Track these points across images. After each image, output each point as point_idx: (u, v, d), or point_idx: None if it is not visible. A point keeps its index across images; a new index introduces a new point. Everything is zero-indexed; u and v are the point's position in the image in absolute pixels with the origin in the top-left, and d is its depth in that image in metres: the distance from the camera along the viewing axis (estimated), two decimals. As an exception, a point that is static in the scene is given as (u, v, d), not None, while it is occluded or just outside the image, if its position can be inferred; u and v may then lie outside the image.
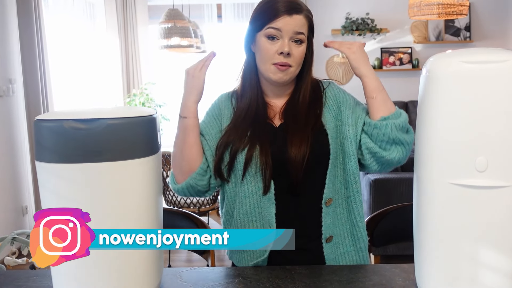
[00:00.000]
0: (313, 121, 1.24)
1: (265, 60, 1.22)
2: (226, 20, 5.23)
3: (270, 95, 1.30)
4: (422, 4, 3.85)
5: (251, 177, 1.23)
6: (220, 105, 1.32)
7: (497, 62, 0.88)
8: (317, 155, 1.23)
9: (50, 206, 0.91)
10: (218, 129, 1.29)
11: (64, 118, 0.88)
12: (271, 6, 1.20)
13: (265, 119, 1.27)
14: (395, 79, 5.47)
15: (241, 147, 1.22)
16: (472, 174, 0.90)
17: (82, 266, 0.90)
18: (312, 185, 1.25)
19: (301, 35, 1.21)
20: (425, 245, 1.00)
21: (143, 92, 4.95)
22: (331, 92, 1.31)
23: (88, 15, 4.71)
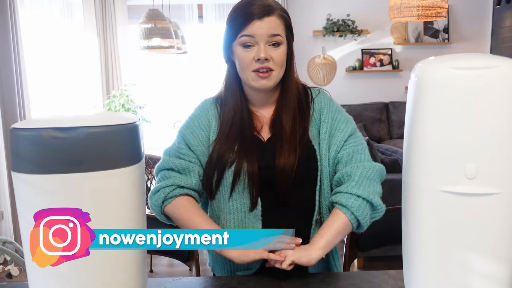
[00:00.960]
0: (300, 132, 1.20)
1: (244, 69, 1.17)
2: (207, 21, 5.19)
3: (255, 103, 1.26)
4: (402, 6, 3.89)
5: (238, 193, 1.19)
6: (207, 114, 1.26)
7: (486, 68, 0.87)
8: (306, 171, 1.20)
9: (28, 218, 0.87)
10: (207, 143, 1.23)
11: (42, 126, 0.84)
12: (241, 12, 1.15)
13: (252, 132, 1.22)
14: (375, 80, 5.51)
15: (229, 164, 1.18)
16: (462, 181, 0.89)
17: (62, 277, 0.87)
18: (301, 200, 1.22)
19: (278, 37, 1.16)
20: (414, 252, 0.99)
21: (123, 93, 4.86)
22: (318, 104, 1.26)
23: (65, 14, 4.61)
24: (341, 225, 1.14)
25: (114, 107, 4.79)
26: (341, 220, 1.14)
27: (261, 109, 1.26)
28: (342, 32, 5.27)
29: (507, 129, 0.87)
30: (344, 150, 1.20)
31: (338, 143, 1.21)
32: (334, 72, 5.48)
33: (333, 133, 1.22)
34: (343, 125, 1.23)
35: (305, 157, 1.19)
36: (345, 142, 1.21)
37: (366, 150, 1.24)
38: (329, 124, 1.22)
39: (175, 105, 5.34)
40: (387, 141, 5.21)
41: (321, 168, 1.21)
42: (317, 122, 1.24)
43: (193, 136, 1.24)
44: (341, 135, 1.21)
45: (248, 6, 1.15)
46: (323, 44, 5.42)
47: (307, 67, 5.44)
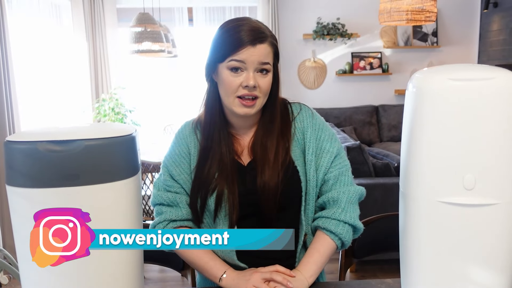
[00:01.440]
0: (283, 155, 1.18)
1: (229, 93, 1.14)
2: (197, 24, 5.17)
3: (235, 126, 1.23)
4: (392, 10, 3.92)
5: (221, 219, 1.18)
6: (186, 140, 1.24)
7: (484, 80, 0.88)
8: (290, 193, 1.18)
9: (24, 232, 0.85)
10: (189, 170, 1.22)
11: (38, 139, 0.82)
12: (233, 36, 1.11)
13: (232, 156, 1.20)
14: (365, 83, 5.54)
15: (210, 190, 1.17)
16: (460, 191, 0.90)
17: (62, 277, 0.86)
18: (287, 222, 1.21)
19: (267, 65, 1.13)
20: (412, 263, 0.99)
21: (113, 97, 4.83)
22: (300, 123, 1.23)
23: (54, 17, 4.56)
24: (329, 250, 1.18)
25: (104, 110, 4.75)
26: (329, 245, 1.17)
27: (240, 131, 1.24)
28: (332, 35, 5.29)
29: (505, 140, 0.87)
30: (331, 172, 1.21)
31: (326, 165, 1.20)
32: (324, 75, 5.50)
33: (319, 153, 1.21)
34: (328, 144, 1.22)
35: (288, 179, 1.18)
36: (331, 164, 1.21)
37: (350, 171, 1.25)
38: (314, 144, 1.21)
39: (166, 108, 5.31)
40: (378, 144, 5.24)
41: (307, 189, 1.20)
42: (301, 142, 1.22)
43: (175, 166, 1.23)
44: (328, 156, 1.21)
45: (241, 30, 1.12)
46: (314, 48, 5.43)
47: (298, 71, 5.45)
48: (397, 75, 5.57)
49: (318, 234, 1.19)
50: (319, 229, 1.19)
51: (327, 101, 5.49)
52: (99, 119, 4.84)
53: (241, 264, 1.18)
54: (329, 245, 1.17)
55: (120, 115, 4.79)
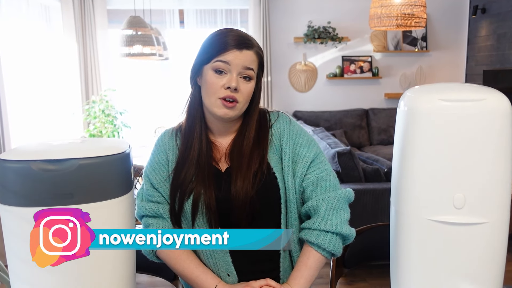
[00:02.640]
0: (257, 163, 1.18)
1: (211, 94, 1.15)
2: (189, 26, 5.16)
3: (215, 132, 1.24)
4: (382, 16, 3.95)
5: (200, 226, 1.18)
6: (165, 147, 1.25)
7: (474, 101, 0.89)
8: (265, 200, 1.17)
9: (17, 251, 0.85)
10: (167, 176, 1.22)
11: (31, 158, 0.82)
12: (221, 39, 1.15)
13: (210, 162, 1.20)
14: (356, 87, 5.57)
15: (187, 194, 1.17)
16: (450, 210, 0.91)
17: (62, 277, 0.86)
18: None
19: (250, 71, 1.15)
20: (402, 278, 1.01)
21: (103, 99, 4.80)
22: (277, 130, 1.24)
23: (44, 19, 4.52)
24: (316, 262, 1.16)
25: (94, 113, 4.72)
26: (315, 257, 1.16)
27: (220, 138, 1.25)
28: (323, 39, 5.31)
29: (494, 160, 0.89)
30: (308, 179, 1.19)
31: (302, 171, 1.20)
32: (315, 78, 5.52)
33: (295, 159, 1.21)
34: (304, 149, 1.21)
35: (265, 185, 1.17)
36: (308, 170, 1.20)
37: (331, 175, 1.22)
38: (290, 150, 1.21)
39: (156, 110, 5.29)
40: (368, 147, 5.28)
41: (286, 196, 1.19)
42: (278, 149, 1.23)
43: (155, 174, 1.23)
44: (304, 161, 1.20)
45: (228, 35, 1.15)
46: (304, 51, 5.45)
47: (288, 74, 5.47)
48: (387, 79, 5.61)
49: (305, 247, 1.18)
50: (305, 241, 1.18)
51: (318, 104, 5.51)
52: (89, 121, 4.81)
53: (233, 271, 1.19)
54: (316, 257, 1.15)
55: (111, 117, 4.76)
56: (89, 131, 4.74)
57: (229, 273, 1.19)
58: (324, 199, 1.17)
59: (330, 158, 3.24)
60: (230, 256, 1.18)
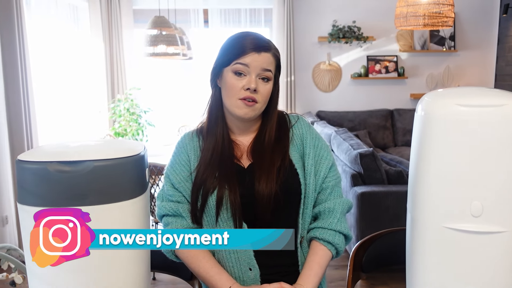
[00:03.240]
0: (279, 159, 1.23)
1: (231, 95, 1.20)
2: (213, 26, 5.19)
3: (236, 132, 1.29)
4: (409, 15, 3.88)
5: (224, 221, 1.21)
6: (186, 148, 1.29)
7: (493, 106, 0.87)
8: (288, 195, 1.22)
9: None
10: (188, 175, 1.25)
11: (48, 159, 0.84)
12: (240, 42, 1.20)
13: (232, 159, 1.25)
14: (381, 87, 5.49)
15: (211, 189, 1.20)
16: (467, 218, 0.89)
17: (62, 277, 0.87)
18: (285, 224, 1.23)
19: (269, 73, 1.20)
20: (417, 285, 0.99)
21: (128, 97, 4.87)
22: (298, 130, 1.30)
23: (72, 18, 4.62)
24: (327, 261, 1.23)
25: (119, 111, 4.80)
26: (327, 256, 1.22)
27: (240, 137, 1.29)
28: (347, 38, 5.25)
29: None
30: (328, 182, 1.26)
31: (324, 171, 1.26)
32: (339, 78, 5.47)
33: (317, 160, 1.27)
34: (325, 153, 1.29)
35: (287, 181, 1.22)
36: (328, 173, 1.27)
37: (341, 183, 1.32)
38: (313, 151, 1.27)
39: (180, 109, 5.35)
40: (392, 149, 5.20)
41: (306, 192, 1.24)
42: (299, 148, 1.28)
43: (175, 175, 1.26)
44: (326, 163, 1.27)
45: (247, 38, 1.20)
46: (329, 51, 5.41)
47: (312, 73, 5.43)
48: (413, 79, 5.51)
49: (316, 245, 1.23)
50: (316, 240, 1.23)
51: (342, 104, 5.46)
52: (114, 119, 4.89)
53: (255, 265, 1.20)
54: (327, 256, 1.22)
55: (135, 115, 4.83)
56: (114, 129, 4.83)
57: (251, 267, 1.21)
58: (339, 203, 1.25)
59: (352, 159, 3.20)
60: (253, 250, 1.21)
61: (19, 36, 3.41)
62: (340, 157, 3.49)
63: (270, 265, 1.23)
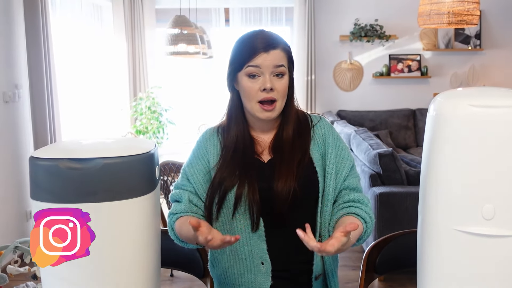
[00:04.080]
0: (299, 155, 1.23)
1: (250, 99, 1.21)
2: (234, 25, 5.21)
3: (256, 129, 1.30)
4: (432, 13, 3.81)
5: (240, 215, 1.22)
6: (206, 143, 1.31)
7: (506, 107, 0.85)
8: (306, 191, 1.21)
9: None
10: (205, 170, 1.27)
11: (59, 156, 0.86)
12: (247, 45, 1.21)
13: (253, 155, 1.26)
14: (403, 86, 5.41)
15: (231, 186, 1.21)
16: (479, 221, 0.87)
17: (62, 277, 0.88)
18: (302, 221, 1.20)
19: (281, 68, 1.21)
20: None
21: (149, 95, 4.94)
22: (320, 130, 1.30)
23: (96, 18, 4.70)
24: (359, 233, 1.17)
25: (140, 109, 4.86)
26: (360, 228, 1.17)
27: (262, 134, 1.30)
28: (369, 37, 5.20)
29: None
30: (350, 179, 1.26)
31: (346, 171, 1.26)
32: (360, 77, 5.42)
33: (339, 160, 1.26)
34: (346, 153, 1.29)
35: (306, 178, 1.22)
36: (350, 172, 1.27)
37: (360, 182, 1.31)
38: (334, 150, 1.27)
39: (200, 108, 5.38)
40: (414, 149, 5.12)
41: (324, 191, 1.23)
42: (321, 147, 1.28)
43: (191, 167, 1.29)
44: (348, 163, 1.27)
45: (255, 39, 1.21)
46: (350, 49, 5.36)
47: (333, 72, 5.40)
48: (436, 79, 5.42)
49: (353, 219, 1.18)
50: (351, 214, 1.19)
51: (363, 103, 5.40)
52: (135, 117, 4.96)
53: (267, 259, 1.21)
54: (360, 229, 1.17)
55: (156, 113, 4.89)
56: (135, 127, 4.90)
57: (263, 262, 1.22)
58: (365, 198, 1.25)
59: (371, 159, 3.17)
60: (266, 244, 1.22)
61: (44, 35, 3.49)
62: (359, 157, 3.46)
63: (283, 261, 1.23)
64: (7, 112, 3.28)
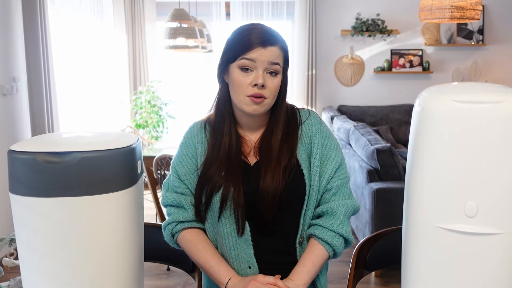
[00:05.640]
0: (286, 158, 1.19)
1: (239, 92, 1.17)
2: (235, 18, 5.18)
3: (244, 127, 1.26)
4: (434, 7, 3.77)
5: (226, 218, 1.20)
6: (193, 140, 1.27)
7: (490, 103, 0.83)
8: (292, 195, 1.19)
9: (25, 240, 0.89)
10: (194, 169, 1.25)
11: (37, 150, 0.85)
12: (245, 37, 1.16)
13: (239, 156, 1.23)
14: (404, 81, 5.38)
15: (216, 188, 1.19)
16: (461, 219, 0.86)
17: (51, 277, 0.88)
18: (287, 224, 1.22)
19: (276, 66, 1.17)
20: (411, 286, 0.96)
21: (149, 89, 4.93)
22: (308, 128, 1.26)
23: (95, 11, 4.69)
24: (322, 260, 1.20)
25: (140, 103, 4.86)
26: (323, 255, 1.20)
27: (249, 132, 1.27)
28: (371, 32, 5.16)
29: (510, 167, 0.83)
30: (333, 182, 1.23)
31: (330, 172, 1.22)
32: (361, 72, 5.38)
33: (324, 161, 1.23)
34: (333, 153, 1.24)
35: (292, 181, 1.19)
36: (335, 173, 1.23)
37: (349, 183, 1.28)
38: (320, 151, 1.23)
39: (201, 102, 5.37)
40: (414, 145, 5.08)
41: (309, 193, 1.21)
42: (307, 146, 1.24)
43: (182, 166, 1.26)
44: (333, 164, 1.23)
45: (252, 32, 1.16)
46: (351, 44, 5.32)
47: (334, 67, 5.36)
48: (438, 74, 5.38)
49: (314, 243, 1.20)
50: (314, 238, 1.21)
51: (364, 98, 5.37)
52: (135, 111, 4.96)
53: (254, 264, 1.20)
54: (323, 256, 1.20)
55: (156, 107, 4.89)
56: (135, 121, 4.89)
57: (250, 266, 1.21)
58: (343, 205, 1.21)
59: (369, 155, 3.15)
60: (253, 249, 1.20)
61: (42, 28, 3.48)
62: (358, 152, 3.45)
63: (269, 263, 1.22)
64: (4, 105, 3.28)
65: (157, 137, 4.84)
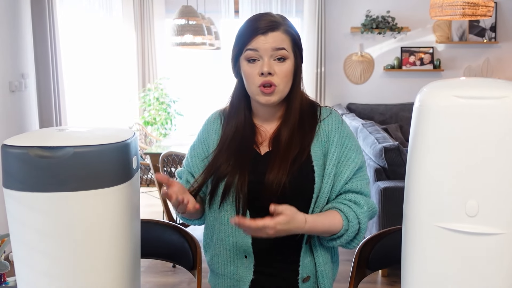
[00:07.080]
0: (296, 149, 1.17)
1: (250, 84, 1.18)
2: (243, 15, 5.16)
3: (261, 118, 1.26)
4: (445, 4, 3.72)
5: (228, 205, 1.20)
6: (208, 128, 1.30)
7: (492, 99, 0.80)
8: (297, 190, 1.16)
9: (17, 235, 0.88)
10: (203, 155, 1.27)
11: (30, 144, 0.85)
12: (246, 29, 1.17)
13: (251, 145, 1.22)
14: (415, 79, 5.32)
15: (222, 176, 1.19)
16: (462, 218, 0.83)
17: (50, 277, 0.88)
18: None
19: (282, 51, 1.15)
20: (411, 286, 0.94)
21: (158, 86, 4.93)
22: (327, 126, 1.22)
23: (104, 8, 4.70)
24: (335, 227, 1.14)
25: (148, 100, 4.87)
26: (338, 225, 1.14)
27: (265, 123, 1.26)
28: (381, 29, 5.11)
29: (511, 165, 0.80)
30: (353, 182, 1.19)
31: (348, 174, 1.18)
32: (371, 70, 5.33)
33: (343, 161, 1.19)
34: (353, 154, 1.20)
35: (300, 174, 1.16)
36: (354, 175, 1.19)
37: (369, 185, 1.24)
38: (338, 150, 1.19)
39: (209, 99, 5.37)
40: (424, 143, 5.03)
41: (320, 192, 1.18)
42: (324, 144, 1.20)
43: (193, 150, 1.32)
44: (352, 165, 1.19)
45: (254, 22, 1.17)
46: (361, 41, 5.27)
47: (344, 65, 5.32)
48: (449, 72, 5.30)
49: (335, 213, 1.15)
50: (338, 211, 1.16)
51: (373, 97, 5.32)
52: (144, 108, 4.97)
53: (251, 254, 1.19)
54: (338, 225, 1.14)
55: (164, 105, 4.89)
56: (143, 118, 4.90)
57: (246, 255, 1.20)
58: (366, 202, 1.19)
59: (377, 153, 3.12)
60: (251, 238, 1.18)
61: (51, 24, 3.50)
62: (366, 150, 3.41)
63: (267, 257, 1.20)
64: (13, 101, 3.30)
65: (165, 134, 4.85)
